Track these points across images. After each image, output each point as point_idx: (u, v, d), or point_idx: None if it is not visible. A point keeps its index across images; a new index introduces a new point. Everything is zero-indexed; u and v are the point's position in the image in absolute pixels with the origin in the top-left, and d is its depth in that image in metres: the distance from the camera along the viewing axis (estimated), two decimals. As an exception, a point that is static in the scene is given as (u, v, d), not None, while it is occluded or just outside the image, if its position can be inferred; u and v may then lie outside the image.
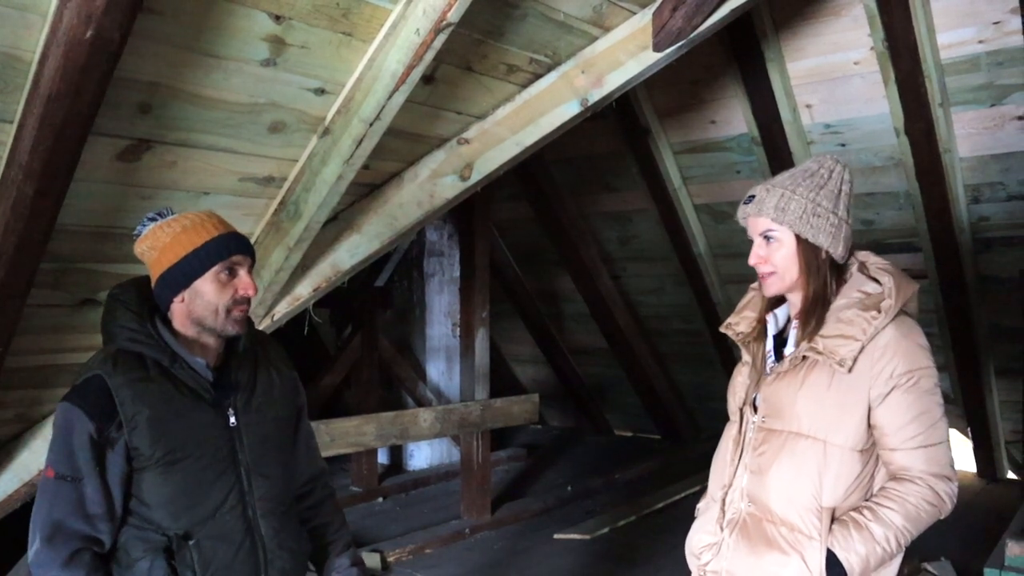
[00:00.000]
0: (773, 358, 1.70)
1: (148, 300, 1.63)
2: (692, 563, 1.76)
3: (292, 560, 1.67)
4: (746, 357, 1.76)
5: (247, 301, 1.62)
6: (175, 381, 1.57)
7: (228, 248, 1.59)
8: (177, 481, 1.54)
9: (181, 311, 1.61)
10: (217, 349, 1.65)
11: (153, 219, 1.63)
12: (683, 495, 5.34)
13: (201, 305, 1.59)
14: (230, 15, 2.09)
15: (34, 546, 1.49)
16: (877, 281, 1.61)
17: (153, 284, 1.62)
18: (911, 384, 1.54)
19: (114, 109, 2.09)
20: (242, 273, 1.61)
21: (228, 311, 1.59)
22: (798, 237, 1.61)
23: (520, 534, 4.76)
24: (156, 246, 1.60)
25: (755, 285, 1.78)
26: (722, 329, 1.82)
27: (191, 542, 1.54)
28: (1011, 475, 5.68)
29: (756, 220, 1.65)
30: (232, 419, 1.62)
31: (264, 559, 1.61)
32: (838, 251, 1.63)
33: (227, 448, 1.60)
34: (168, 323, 1.62)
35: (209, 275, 1.58)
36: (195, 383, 1.59)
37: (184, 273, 1.58)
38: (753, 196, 1.66)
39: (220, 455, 1.59)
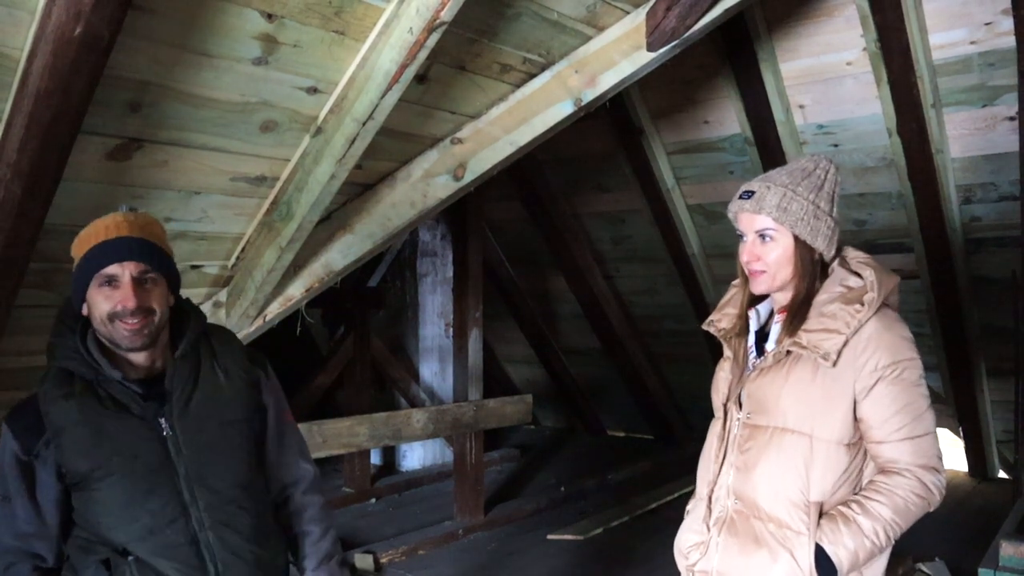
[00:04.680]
0: (755, 353, 1.69)
1: None
2: (680, 563, 1.75)
3: (251, 570, 1.57)
4: (728, 352, 1.74)
5: (131, 314, 1.48)
6: (99, 395, 1.50)
7: (98, 261, 1.49)
8: (107, 498, 1.48)
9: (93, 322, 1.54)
10: (149, 358, 1.56)
11: None
12: (676, 495, 5.34)
13: (95, 319, 1.52)
14: (222, 13, 2.07)
15: None
16: (858, 275, 1.60)
17: None
18: (895, 376, 1.54)
19: (104, 108, 2.08)
20: (122, 283, 1.49)
21: (112, 322, 1.49)
22: (796, 238, 1.60)
23: (513, 535, 4.75)
24: (72, 255, 1.56)
25: (736, 282, 1.77)
26: (704, 326, 1.81)
27: (130, 558, 1.48)
28: (1002, 474, 5.70)
29: (754, 217, 1.62)
30: (165, 430, 1.53)
31: (215, 571, 1.53)
32: (830, 253, 1.64)
33: (160, 460, 1.51)
34: None
35: (92, 290, 1.50)
36: (122, 396, 1.51)
37: (75, 290, 1.53)
38: (751, 192, 1.62)
39: (153, 468, 1.51)
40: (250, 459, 1.64)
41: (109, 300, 1.49)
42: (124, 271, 1.49)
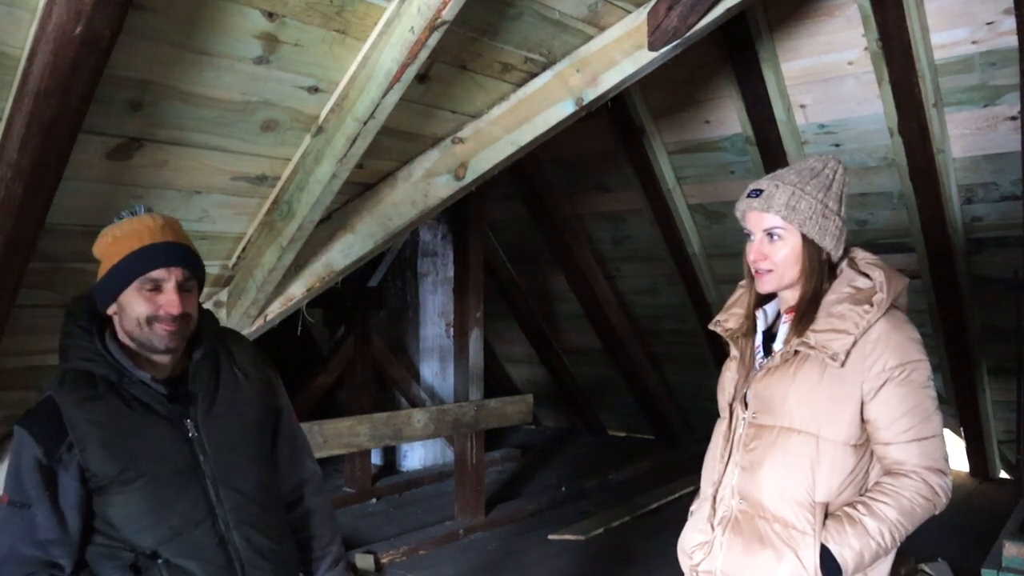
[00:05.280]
0: (762, 353, 1.68)
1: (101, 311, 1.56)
2: (684, 563, 1.74)
3: (274, 569, 1.60)
4: (734, 352, 1.74)
5: (173, 319, 1.50)
6: (125, 397, 1.50)
7: (145, 263, 1.49)
8: (136, 501, 1.48)
9: (117, 324, 1.54)
10: (171, 360, 1.57)
11: (121, 218, 1.55)
12: (677, 495, 5.34)
13: (127, 320, 1.51)
14: (223, 12, 2.07)
15: None
16: (867, 276, 1.60)
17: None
18: (903, 377, 1.54)
19: (104, 107, 2.07)
20: (166, 288, 1.50)
21: (151, 324, 1.50)
22: (804, 237, 1.59)
23: (514, 535, 4.75)
24: (97, 254, 1.54)
25: (743, 283, 1.77)
26: (711, 326, 1.81)
27: (160, 561, 1.48)
28: (1003, 474, 5.70)
29: (762, 216, 1.61)
30: (191, 431, 1.54)
31: (241, 571, 1.55)
32: (838, 253, 1.64)
33: (188, 462, 1.52)
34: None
35: (131, 291, 1.50)
36: (148, 397, 1.52)
37: (107, 288, 1.51)
38: (760, 190, 1.62)
39: (180, 470, 1.52)
40: (268, 459, 1.67)
41: (150, 303, 1.50)
42: (171, 276, 1.51)
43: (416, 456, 6.25)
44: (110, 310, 1.54)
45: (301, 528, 1.75)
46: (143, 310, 1.50)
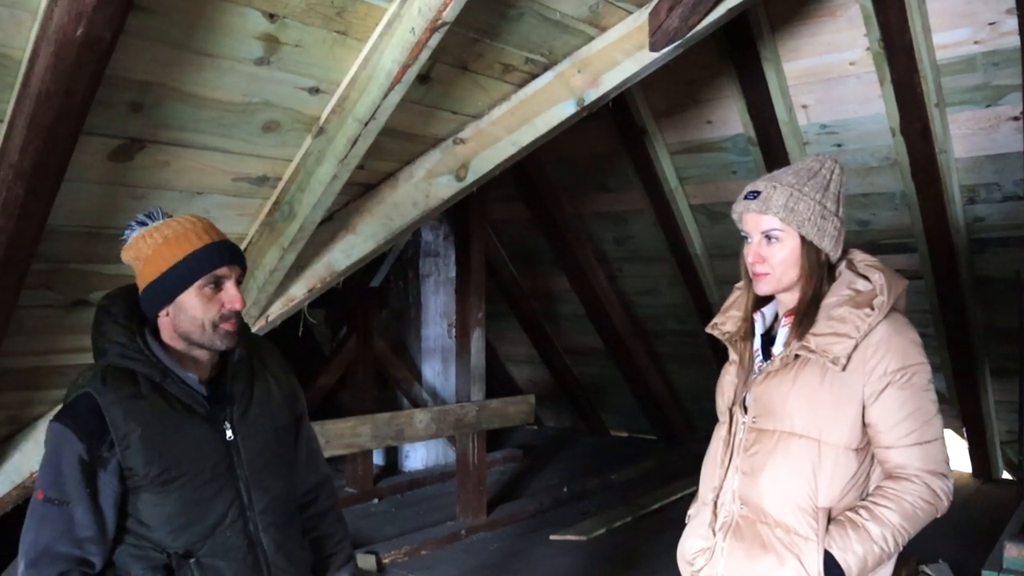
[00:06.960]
0: (761, 357, 1.67)
1: (138, 310, 1.56)
2: (684, 570, 1.73)
3: (296, 570, 1.63)
4: (733, 356, 1.73)
5: (235, 315, 1.54)
6: (167, 397, 1.51)
7: (211, 261, 1.51)
8: (174, 500, 1.49)
9: (167, 325, 1.54)
10: (210, 362, 1.59)
11: (143, 223, 1.55)
12: (679, 496, 5.34)
13: (186, 320, 1.52)
14: (223, 13, 2.07)
15: (19, 570, 1.46)
16: (866, 278, 1.59)
17: (140, 297, 1.56)
18: (905, 380, 1.53)
19: (106, 108, 2.07)
20: (228, 285, 1.53)
21: (215, 326, 1.52)
22: (803, 239, 1.58)
23: (516, 535, 4.75)
24: (139, 257, 1.53)
25: (740, 284, 1.76)
26: (708, 329, 1.79)
27: (192, 560, 1.50)
28: (1006, 475, 5.68)
29: (760, 218, 1.60)
30: (228, 433, 1.56)
31: (267, 572, 1.58)
32: (837, 254, 1.62)
33: (224, 463, 1.55)
34: (158, 334, 1.57)
35: (192, 290, 1.51)
36: (188, 398, 1.53)
37: (165, 289, 1.51)
38: (757, 192, 1.60)
39: (218, 471, 1.54)
40: (292, 463, 1.71)
41: (212, 302, 1.52)
42: (231, 274, 1.54)
43: (418, 456, 6.26)
44: (162, 312, 1.54)
45: (314, 528, 1.79)
46: (207, 310, 1.51)
